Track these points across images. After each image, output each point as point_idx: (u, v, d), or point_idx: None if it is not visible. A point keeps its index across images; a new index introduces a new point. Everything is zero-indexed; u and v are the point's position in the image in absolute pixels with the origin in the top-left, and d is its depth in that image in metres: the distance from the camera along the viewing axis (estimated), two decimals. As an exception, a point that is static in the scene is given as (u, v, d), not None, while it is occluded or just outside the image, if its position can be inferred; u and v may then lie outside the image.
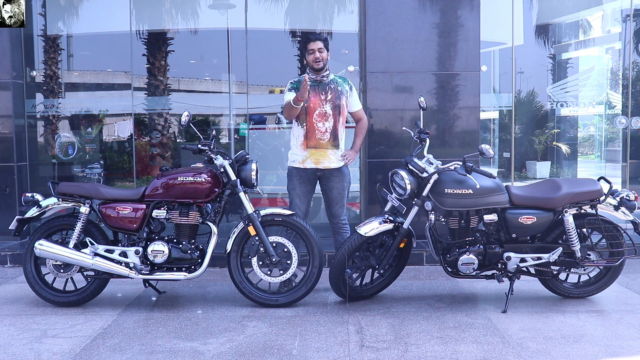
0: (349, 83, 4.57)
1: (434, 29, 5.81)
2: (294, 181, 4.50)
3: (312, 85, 4.41)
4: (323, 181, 4.53)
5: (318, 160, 4.42)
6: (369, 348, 3.40)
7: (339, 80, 4.52)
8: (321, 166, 4.44)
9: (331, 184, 4.50)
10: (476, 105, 5.90)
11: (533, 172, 9.17)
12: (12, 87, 6.17)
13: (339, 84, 4.49)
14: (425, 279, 5.03)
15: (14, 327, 3.82)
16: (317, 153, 4.41)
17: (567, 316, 3.95)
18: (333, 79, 4.50)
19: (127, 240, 4.22)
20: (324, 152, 4.42)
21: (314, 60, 4.38)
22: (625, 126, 7.07)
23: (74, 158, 7.45)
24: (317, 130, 4.40)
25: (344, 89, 4.49)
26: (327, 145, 4.42)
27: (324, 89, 4.43)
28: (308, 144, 4.42)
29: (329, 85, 4.45)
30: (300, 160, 4.45)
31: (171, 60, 7.95)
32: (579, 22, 8.85)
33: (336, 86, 4.47)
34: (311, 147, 4.41)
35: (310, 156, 4.42)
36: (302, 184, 4.49)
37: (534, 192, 4.18)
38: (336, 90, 4.45)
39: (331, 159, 4.44)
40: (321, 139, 4.40)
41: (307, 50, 4.41)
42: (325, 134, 4.41)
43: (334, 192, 4.51)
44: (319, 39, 4.40)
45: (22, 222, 4.24)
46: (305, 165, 4.45)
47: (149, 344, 3.49)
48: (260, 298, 4.18)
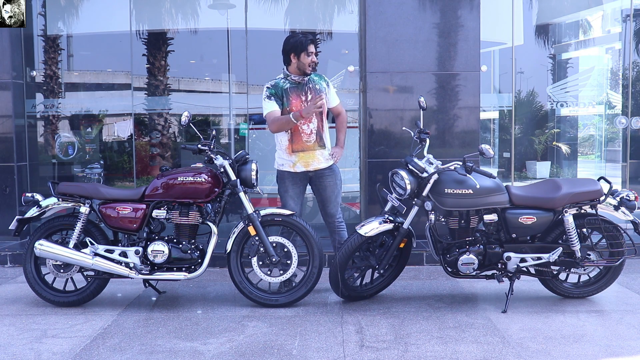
0: (325, 79, 4.49)
1: (434, 29, 5.81)
2: (286, 183, 4.45)
3: (291, 87, 4.36)
4: (315, 181, 4.48)
5: (307, 163, 4.39)
6: (369, 348, 3.40)
7: (315, 79, 4.43)
8: (311, 168, 4.41)
9: (324, 183, 4.47)
10: (476, 105, 5.90)
11: (533, 172, 9.17)
12: (12, 87, 6.17)
13: (316, 82, 4.42)
14: (425, 279, 5.03)
15: (14, 327, 3.82)
16: (306, 156, 4.37)
17: (567, 316, 3.95)
18: (310, 77, 4.41)
19: (127, 240, 4.22)
20: (312, 153, 4.38)
21: (311, 62, 4.31)
22: (625, 126, 7.07)
23: (74, 158, 7.45)
24: (303, 133, 4.34)
25: (321, 86, 4.42)
26: (314, 147, 4.38)
27: (303, 90, 4.36)
28: (294, 148, 4.36)
29: (307, 85, 4.38)
30: (289, 164, 4.40)
31: (171, 60, 7.94)
32: (579, 22, 8.85)
33: (314, 85, 4.40)
34: (298, 151, 4.36)
35: (299, 160, 4.37)
36: (294, 186, 4.45)
37: (534, 192, 4.18)
38: (314, 89, 4.38)
39: (320, 160, 4.41)
40: (307, 141, 4.36)
41: (307, 52, 4.30)
42: (311, 135, 4.36)
43: (327, 190, 4.48)
44: (314, 41, 4.38)
45: (22, 222, 4.25)
46: (296, 169, 4.40)
47: (149, 344, 3.49)
48: (260, 298, 4.18)
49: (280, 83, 4.38)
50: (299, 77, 4.35)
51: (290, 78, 4.36)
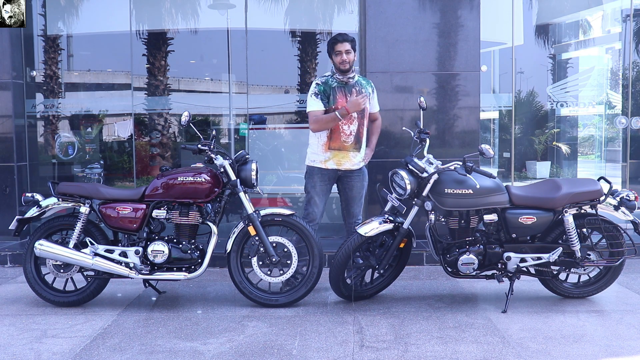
0: (371, 85, 4.56)
1: (434, 29, 5.81)
2: (315, 179, 4.47)
3: (339, 86, 4.39)
4: (343, 180, 4.51)
5: (340, 162, 4.41)
6: (369, 348, 3.40)
7: (363, 82, 4.49)
8: (342, 168, 4.43)
9: (352, 183, 4.50)
10: (476, 105, 5.90)
11: (533, 172, 9.17)
12: (12, 87, 6.17)
13: (363, 85, 4.46)
14: (425, 279, 5.03)
15: (14, 327, 3.82)
16: (340, 155, 4.40)
17: (567, 316, 3.95)
18: (357, 80, 4.46)
19: (127, 240, 4.22)
20: (346, 154, 4.41)
21: (341, 62, 4.32)
22: (625, 126, 7.07)
23: (74, 158, 7.44)
24: (342, 133, 4.36)
25: (367, 91, 4.45)
26: (350, 148, 4.40)
27: (350, 91, 4.39)
28: (330, 146, 4.39)
29: (354, 87, 4.41)
30: (322, 160, 4.43)
31: (171, 60, 7.94)
32: (579, 22, 8.85)
33: (360, 88, 4.43)
34: (334, 149, 4.39)
35: (333, 157, 4.40)
36: (322, 182, 4.47)
37: (534, 192, 4.18)
38: (361, 92, 4.40)
39: (352, 161, 4.44)
40: (345, 141, 4.38)
41: (334, 52, 4.33)
42: (350, 136, 4.38)
43: (354, 190, 4.51)
44: (346, 39, 4.34)
45: (22, 222, 4.25)
46: (327, 166, 4.43)
47: (149, 344, 3.49)
48: (260, 298, 4.18)
49: (330, 81, 4.41)
50: (343, 76, 4.38)
51: (335, 77, 4.40)
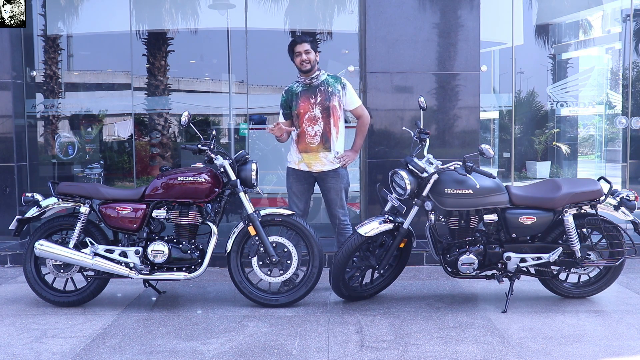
0: (341, 82, 4.47)
1: (434, 29, 5.81)
2: (290, 180, 4.53)
3: (303, 90, 4.40)
4: (320, 183, 4.52)
5: (310, 164, 4.43)
6: (369, 348, 3.40)
7: (331, 81, 4.44)
8: (314, 170, 4.44)
9: (327, 185, 4.48)
10: (476, 105, 5.90)
11: (533, 172, 9.17)
12: (12, 87, 6.17)
13: (330, 84, 4.42)
14: (425, 279, 5.03)
15: (14, 327, 3.82)
16: (308, 157, 4.42)
17: (567, 316, 3.95)
18: (324, 79, 4.42)
19: (127, 240, 4.22)
20: (315, 155, 4.41)
21: (301, 62, 4.34)
22: (625, 126, 7.07)
23: (74, 158, 7.45)
24: (307, 135, 4.38)
25: (335, 89, 4.41)
26: (318, 149, 4.40)
27: (314, 92, 4.38)
28: (299, 148, 4.44)
29: (318, 88, 4.39)
30: (295, 161, 4.49)
31: (171, 60, 7.95)
32: (579, 22, 8.85)
33: (326, 87, 4.40)
34: (302, 151, 4.43)
35: (304, 159, 4.44)
36: (298, 183, 4.50)
37: (534, 192, 4.18)
38: (326, 91, 4.38)
39: (323, 162, 4.43)
40: (311, 142, 4.39)
41: (295, 53, 4.37)
42: (315, 137, 4.38)
43: (331, 193, 4.49)
44: (304, 40, 4.36)
45: (22, 222, 4.25)
46: (300, 167, 4.47)
47: (149, 344, 3.49)
48: (260, 298, 4.18)
49: (294, 87, 4.44)
50: (305, 77, 4.38)
51: (300, 80, 4.41)
